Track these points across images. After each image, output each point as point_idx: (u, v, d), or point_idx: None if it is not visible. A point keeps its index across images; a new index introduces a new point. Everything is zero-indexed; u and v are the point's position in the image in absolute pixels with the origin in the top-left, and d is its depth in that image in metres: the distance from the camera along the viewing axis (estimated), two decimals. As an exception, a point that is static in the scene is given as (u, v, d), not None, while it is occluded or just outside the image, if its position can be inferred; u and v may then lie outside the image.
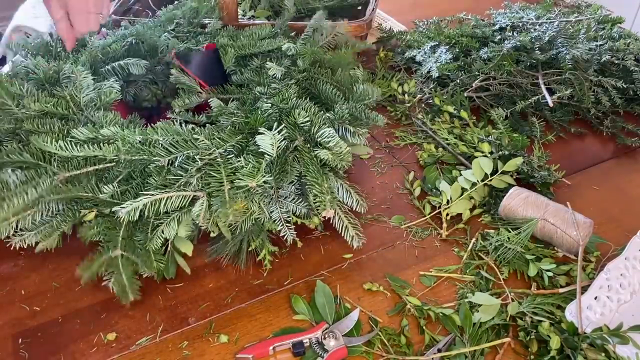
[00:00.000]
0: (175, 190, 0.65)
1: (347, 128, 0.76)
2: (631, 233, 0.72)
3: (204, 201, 0.64)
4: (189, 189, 0.66)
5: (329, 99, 0.80)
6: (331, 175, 0.73)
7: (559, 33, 1.07)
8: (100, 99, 0.77)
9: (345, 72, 0.85)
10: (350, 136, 0.77)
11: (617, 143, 0.98)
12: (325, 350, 0.60)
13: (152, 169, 0.68)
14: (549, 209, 0.74)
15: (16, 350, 0.63)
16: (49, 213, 0.67)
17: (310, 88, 0.83)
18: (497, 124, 0.93)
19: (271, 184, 0.68)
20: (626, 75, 1.04)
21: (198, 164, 0.67)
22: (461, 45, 1.13)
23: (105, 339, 0.64)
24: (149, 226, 0.67)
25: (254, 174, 0.65)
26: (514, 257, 0.73)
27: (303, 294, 0.69)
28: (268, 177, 0.66)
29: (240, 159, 0.68)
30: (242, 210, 0.65)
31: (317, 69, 0.85)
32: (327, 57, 0.87)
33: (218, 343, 0.64)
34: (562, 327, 0.63)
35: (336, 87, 0.81)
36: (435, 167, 0.89)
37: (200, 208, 0.64)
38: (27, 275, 0.72)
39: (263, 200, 0.69)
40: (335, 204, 0.70)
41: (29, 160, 0.68)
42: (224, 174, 0.66)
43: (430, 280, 0.71)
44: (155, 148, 0.68)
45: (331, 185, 0.71)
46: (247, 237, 0.73)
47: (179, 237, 0.69)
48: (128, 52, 0.92)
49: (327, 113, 0.76)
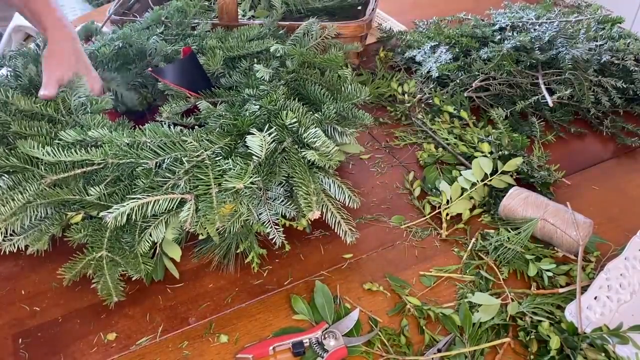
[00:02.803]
0: (162, 193, 0.65)
1: (335, 128, 0.76)
2: (631, 233, 0.72)
3: (191, 205, 0.64)
4: (177, 192, 0.65)
5: (318, 100, 0.80)
6: (321, 175, 0.72)
7: (559, 33, 1.07)
8: (92, 104, 0.77)
9: (334, 72, 0.85)
10: (338, 136, 0.77)
11: (617, 143, 0.98)
12: (325, 350, 0.60)
13: (139, 172, 0.67)
14: (549, 209, 0.74)
15: (16, 350, 0.63)
16: (37, 217, 0.68)
17: (299, 89, 0.83)
18: (497, 124, 0.93)
19: (259, 186, 0.68)
20: (626, 75, 1.03)
21: (185, 166, 0.67)
22: (461, 45, 1.13)
23: (105, 339, 0.64)
24: (137, 229, 0.67)
25: (242, 175, 0.64)
26: (514, 257, 0.73)
27: (303, 294, 0.69)
28: (256, 179, 0.66)
29: (228, 161, 0.67)
30: (230, 212, 0.65)
31: (306, 70, 0.84)
32: (317, 59, 0.86)
33: (218, 343, 0.64)
34: (562, 327, 0.63)
35: (325, 87, 0.81)
36: (435, 167, 0.89)
37: (187, 213, 0.63)
38: (27, 275, 0.72)
39: (252, 202, 0.68)
40: (323, 205, 0.70)
41: (16, 164, 0.68)
42: (212, 176, 0.66)
43: (430, 280, 0.71)
44: (142, 150, 0.68)
45: (318, 187, 0.70)
46: (235, 240, 0.72)
47: (167, 240, 0.68)
48: (117, 56, 0.92)
49: (316, 114, 0.76)
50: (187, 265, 0.73)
